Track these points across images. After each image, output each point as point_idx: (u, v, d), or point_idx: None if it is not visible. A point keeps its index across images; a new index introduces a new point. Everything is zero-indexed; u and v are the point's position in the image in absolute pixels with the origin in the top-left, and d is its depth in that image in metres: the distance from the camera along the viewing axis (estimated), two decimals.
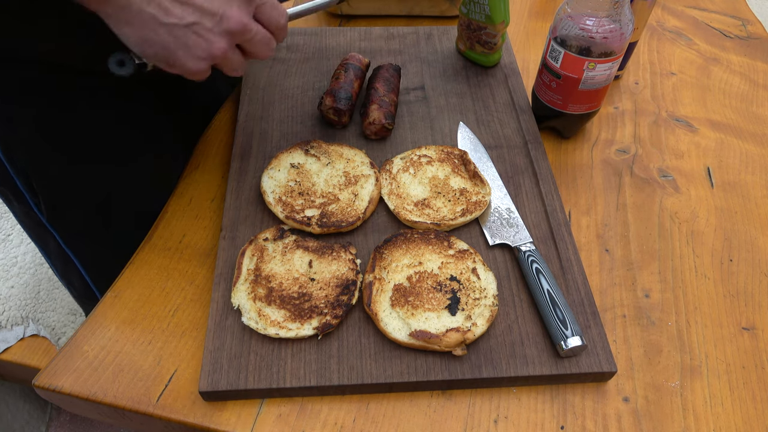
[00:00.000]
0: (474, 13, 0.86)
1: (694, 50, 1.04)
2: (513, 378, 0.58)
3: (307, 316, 0.59)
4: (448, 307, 0.60)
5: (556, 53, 0.74)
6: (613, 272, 0.69)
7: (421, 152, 0.77)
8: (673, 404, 0.59)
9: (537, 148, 0.79)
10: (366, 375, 0.57)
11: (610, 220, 0.75)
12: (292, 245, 0.66)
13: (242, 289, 0.62)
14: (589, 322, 0.61)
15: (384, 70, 0.84)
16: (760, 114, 0.92)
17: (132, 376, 0.58)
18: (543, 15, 1.12)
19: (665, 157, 0.84)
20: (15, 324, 1.05)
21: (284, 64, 0.92)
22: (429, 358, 0.58)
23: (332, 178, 0.73)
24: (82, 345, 0.61)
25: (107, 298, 0.65)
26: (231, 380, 0.56)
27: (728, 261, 0.71)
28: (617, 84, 0.96)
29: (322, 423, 0.56)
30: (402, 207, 0.71)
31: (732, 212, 0.77)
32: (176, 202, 0.75)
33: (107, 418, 0.61)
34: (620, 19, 0.70)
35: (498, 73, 0.91)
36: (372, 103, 0.79)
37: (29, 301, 1.08)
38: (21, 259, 1.15)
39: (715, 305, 0.67)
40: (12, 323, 1.05)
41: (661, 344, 0.63)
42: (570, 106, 0.78)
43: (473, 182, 0.74)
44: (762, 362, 0.62)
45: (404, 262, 0.64)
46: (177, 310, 0.64)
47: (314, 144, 0.77)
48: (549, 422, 0.57)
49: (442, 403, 0.58)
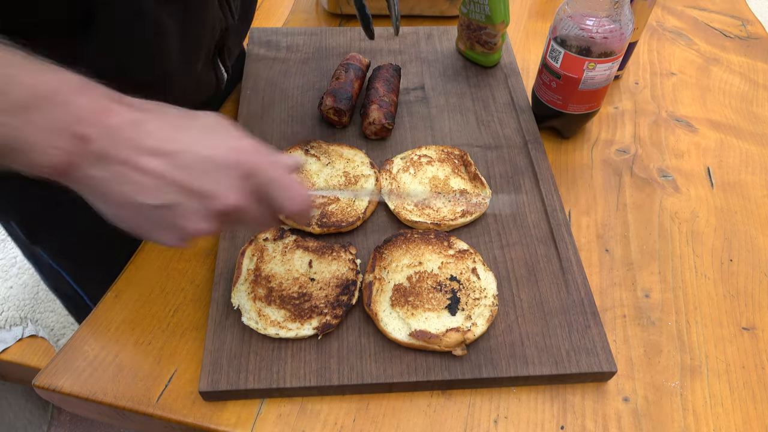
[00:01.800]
0: (474, 13, 0.86)
1: (694, 50, 1.04)
2: (513, 378, 0.58)
3: (307, 316, 0.59)
4: (448, 307, 0.60)
5: (556, 53, 0.74)
6: (613, 272, 0.69)
7: (421, 152, 0.77)
8: (673, 404, 0.59)
9: (537, 148, 0.79)
10: (366, 375, 0.57)
11: (610, 220, 0.75)
12: (292, 245, 0.66)
13: (242, 289, 0.62)
14: (589, 322, 0.61)
15: (384, 70, 0.84)
16: (760, 114, 0.92)
17: (132, 376, 0.58)
18: (543, 15, 1.12)
19: (665, 157, 0.84)
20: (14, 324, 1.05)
21: (284, 64, 0.92)
22: (429, 358, 0.58)
23: (332, 178, 0.73)
24: (82, 345, 0.61)
25: (107, 298, 0.65)
26: (231, 380, 0.56)
27: (728, 261, 0.71)
28: (617, 84, 0.96)
29: (322, 423, 0.56)
30: (402, 207, 0.71)
31: (732, 212, 0.77)
32: None
33: (107, 418, 0.61)
34: (620, 19, 0.70)
35: (498, 73, 0.91)
36: (372, 103, 0.79)
37: (28, 302, 1.08)
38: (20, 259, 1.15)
39: (715, 305, 0.67)
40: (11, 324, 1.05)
41: (661, 344, 0.63)
42: (570, 106, 0.78)
43: (473, 184, 0.74)
44: (762, 362, 0.62)
45: (404, 262, 0.64)
46: (177, 310, 0.64)
47: (314, 144, 0.77)
48: (549, 422, 0.56)
49: (442, 403, 0.58)
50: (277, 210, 0.47)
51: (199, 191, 0.42)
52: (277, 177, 0.45)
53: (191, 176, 0.42)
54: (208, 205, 0.43)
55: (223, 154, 0.43)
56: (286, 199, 0.46)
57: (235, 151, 0.43)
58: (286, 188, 0.46)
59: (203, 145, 0.43)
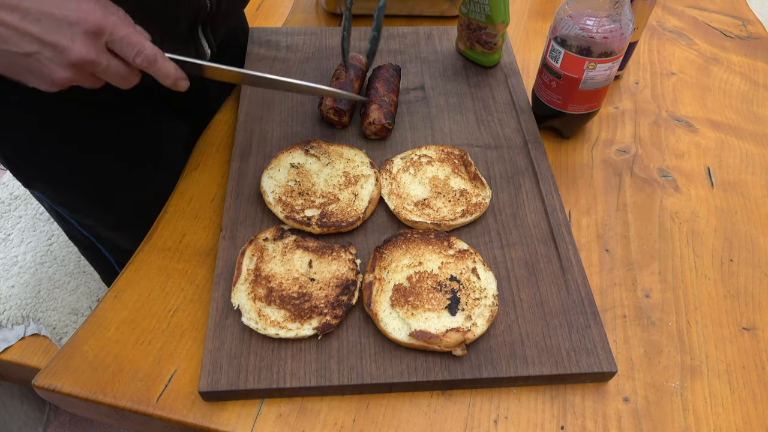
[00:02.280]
0: (474, 13, 0.86)
1: (694, 50, 1.04)
2: (513, 378, 0.58)
3: (307, 316, 0.59)
4: (448, 307, 0.60)
5: (556, 53, 0.74)
6: (613, 272, 0.69)
7: (421, 152, 0.77)
8: (673, 404, 0.59)
9: (537, 148, 0.79)
10: (366, 375, 0.57)
11: (610, 220, 0.75)
12: (292, 245, 0.66)
13: (242, 289, 0.62)
14: (589, 322, 0.61)
15: (384, 70, 0.84)
16: (760, 114, 0.92)
17: (132, 376, 0.58)
18: (543, 15, 1.12)
19: (665, 157, 0.84)
20: (15, 323, 1.05)
21: (284, 64, 0.92)
22: (429, 358, 0.58)
23: (332, 178, 0.73)
24: (82, 345, 0.61)
25: (107, 298, 0.65)
26: (231, 380, 0.56)
27: (728, 261, 0.71)
28: (617, 84, 0.96)
29: (322, 423, 0.56)
30: (402, 207, 0.71)
31: (732, 212, 0.77)
32: (176, 202, 0.75)
33: (107, 418, 0.61)
34: (620, 19, 0.70)
35: (498, 73, 0.91)
36: (372, 103, 0.79)
37: (30, 301, 1.08)
38: (21, 258, 1.15)
39: (715, 305, 0.67)
40: (13, 322, 1.05)
41: (661, 344, 0.63)
42: (570, 106, 0.78)
43: (474, 184, 0.74)
44: (762, 362, 0.62)
45: (404, 262, 0.64)
46: (177, 310, 0.64)
47: (314, 144, 0.77)
48: (549, 422, 0.56)
49: (442, 403, 0.58)
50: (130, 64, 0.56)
51: (50, 43, 0.51)
52: (125, 35, 0.54)
53: (41, 29, 0.51)
54: (62, 56, 0.52)
55: (70, 13, 0.51)
56: (134, 54, 0.55)
57: (82, 11, 0.52)
58: (134, 45, 0.55)
59: (55, 6, 0.51)
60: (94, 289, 1.12)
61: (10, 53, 0.51)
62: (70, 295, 1.10)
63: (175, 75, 0.59)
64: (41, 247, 1.17)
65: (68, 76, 0.53)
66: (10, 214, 1.24)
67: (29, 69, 0.53)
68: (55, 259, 1.15)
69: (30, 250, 1.17)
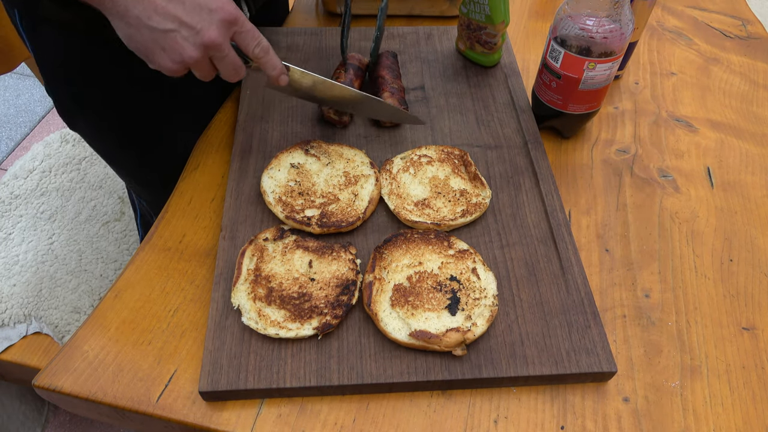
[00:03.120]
0: (474, 13, 0.86)
1: (694, 50, 1.04)
2: (513, 378, 0.58)
3: (307, 316, 0.59)
4: (448, 307, 0.60)
5: (556, 53, 0.74)
6: (613, 272, 0.69)
7: (421, 152, 0.77)
8: (673, 404, 0.59)
9: (537, 148, 0.79)
10: (366, 375, 0.57)
11: (610, 220, 0.75)
12: (292, 245, 0.66)
13: (242, 289, 0.62)
14: (589, 322, 0.61)
15: (385, 58, 0.86)
16: (760, 114, 0.92)
17: (132, 376, 0.58)
18: (543, 15, 1.12)
19: (665, 157, 0.84)
20: (18, 322, 1.05)
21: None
22: (429, 358, 0.58)
23: (332, 178, 0.73)
24: (82, 345, 0.61)
25: (107, 298, 0.65)
26: (231, 380, 0.56)
27: (728, 261, 0.71)
28: (617, 84, 0.96)
29: (322, 423, 0.56)
30: (402, 207, 0.71)
31: (732, 212, 0.77)
32: (176, 202, 0.75)
33: (107, 418, 0.61)
34: (620, 19, 0.70)
35: (498, 73, 0.91)
36: (383, 91, 0.79)
37: (31, 299, 1.08)
38: (23, 257, 1.15)
39: (715, 305, 0.67)
40: (15, 321, 1.05)
41: (661, 344, 0.63)
42: (570, 106, 0.78)
43: (474, 184, 0.74)
44: (762, 362, 0.62)
45: (404, 262, 0.64)
46: (177, 310, 0.64)
47: (314, 144, 0.77)
48: (549, 422, 0.57)
49: (442, 403, 0.58)
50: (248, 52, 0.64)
51: (189, 24, 0.59)
52: (250, 29, 0.63)
53: (184, 11, 0.58)
54: (196, 37, 0.59)
55: (211, 2, 0.59)
56: (255, 44, 0.64)
57: (220, 2, 0.60)
58: (256, 38, 0.64)
59: None
60: (96, 287, 1.12)
61: (152, 29, 0.58)
62: (71, 293, 1.11)
63: (281, 68, 0.68)
64: (42, 246, 1.17)
65: (197, 56, 0.61)
66: (10, 214, 1.24)
67: (163, 46, 0.60)
68: (56, 258, 1.16)
69: (31, 249, 1.17)
